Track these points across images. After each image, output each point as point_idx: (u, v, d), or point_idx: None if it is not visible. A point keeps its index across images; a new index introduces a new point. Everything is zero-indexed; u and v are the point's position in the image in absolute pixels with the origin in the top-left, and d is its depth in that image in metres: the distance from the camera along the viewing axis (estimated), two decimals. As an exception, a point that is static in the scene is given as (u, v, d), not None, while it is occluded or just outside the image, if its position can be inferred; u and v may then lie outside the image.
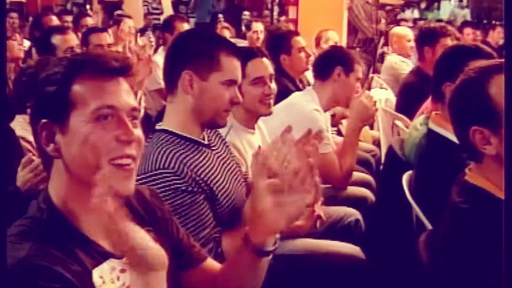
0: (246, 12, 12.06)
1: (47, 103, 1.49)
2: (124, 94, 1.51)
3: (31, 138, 3.14)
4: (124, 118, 1.48)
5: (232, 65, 2.27)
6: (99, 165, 1.42)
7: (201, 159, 2.24)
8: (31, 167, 2.51)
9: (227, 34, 6.81)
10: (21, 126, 3.17)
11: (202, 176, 2.18)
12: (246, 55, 2.73)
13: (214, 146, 2.38)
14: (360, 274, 2.81)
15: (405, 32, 6.68)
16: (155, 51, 5.74)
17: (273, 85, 2.97)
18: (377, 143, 5.08)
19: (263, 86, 2.90)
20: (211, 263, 1.85)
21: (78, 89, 1.47)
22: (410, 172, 2.77)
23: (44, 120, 1.48)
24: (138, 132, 1.51)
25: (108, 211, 1.31)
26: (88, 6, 14.04)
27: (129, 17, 6.72)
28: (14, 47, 5.12)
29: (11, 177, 2.62)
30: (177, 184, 2.09)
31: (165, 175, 2.09)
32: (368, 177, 4.18)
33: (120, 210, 1.34)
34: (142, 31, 8.87)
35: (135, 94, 3.05)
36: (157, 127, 2.33)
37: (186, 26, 5.54)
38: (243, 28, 10.17)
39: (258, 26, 6.97)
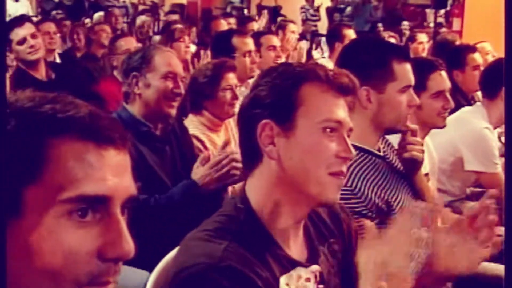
0: (405, 22, 11.86)
1: (275, 104, 1.49)
2: (346, 113, 1.53)
3: (203, 137, 3.30)
4: (345, 136, 1.51)
5: (405, 71, 2.22)
6: (316, 175, 1.46)
7: (379, 176, 2.21)
8: (210, 164, 2.61)
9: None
10: (194, 125, 3.32)
11: (381, 195, 2.14)
12: (427, 68, 2.69)
13: (387, 155, 2.35)
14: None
15: None
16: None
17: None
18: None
19: (444, 100, 2.84)
20: None
21: (309, 97, 1.48)
22: None
23: (266, 120, 1.48)
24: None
25: None
26: (245, 10, 14.40)
27: (293, 22, 6.81)
28: (181, 48, 5.19)
29: (187, 171, 2.76)
30: (353, 204, 2.06)
31: (343, 192, 2.05)
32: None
33: None
34: (301, 37, 8.98)
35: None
36: None
37: (352, 34, 5.56)
38: (404, 38, 10.02)
39: (423, 37, 6.83)
